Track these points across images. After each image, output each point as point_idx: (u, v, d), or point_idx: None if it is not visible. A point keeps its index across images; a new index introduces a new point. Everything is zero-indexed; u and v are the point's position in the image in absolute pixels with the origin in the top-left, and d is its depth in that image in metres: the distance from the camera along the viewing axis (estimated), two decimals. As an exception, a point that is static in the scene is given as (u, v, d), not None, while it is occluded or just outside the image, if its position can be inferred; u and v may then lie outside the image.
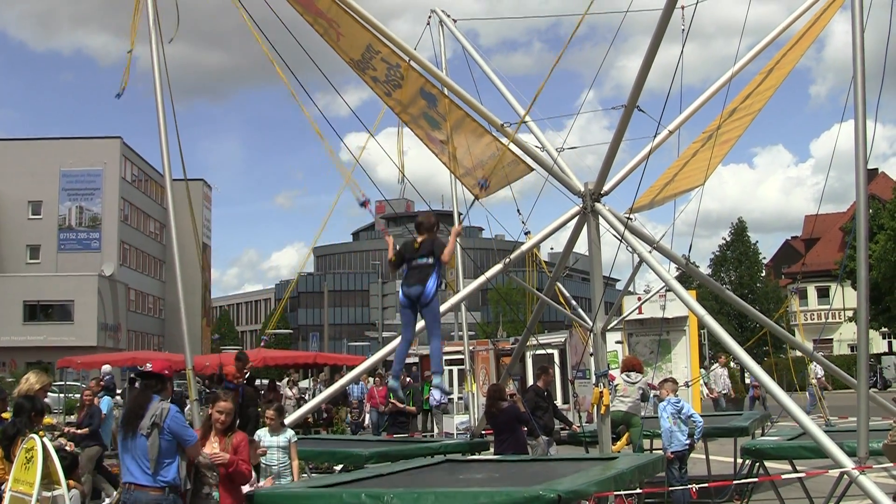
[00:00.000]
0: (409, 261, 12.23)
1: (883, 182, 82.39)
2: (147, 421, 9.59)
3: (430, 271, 11.99)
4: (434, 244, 12.11)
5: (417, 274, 12.05)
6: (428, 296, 11.94)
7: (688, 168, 17.18)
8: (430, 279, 11.96)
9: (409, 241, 12.40)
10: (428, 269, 12.00)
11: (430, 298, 11.99)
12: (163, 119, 13.65)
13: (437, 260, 12.02)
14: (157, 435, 9.53)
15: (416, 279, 12.01)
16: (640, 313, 28.40)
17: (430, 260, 12.03)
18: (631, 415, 17.45)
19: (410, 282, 12.06)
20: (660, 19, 11.94)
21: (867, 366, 10.38)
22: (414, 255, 12.16)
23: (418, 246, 12.17)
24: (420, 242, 12.19)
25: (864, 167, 10.08)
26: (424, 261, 12.04)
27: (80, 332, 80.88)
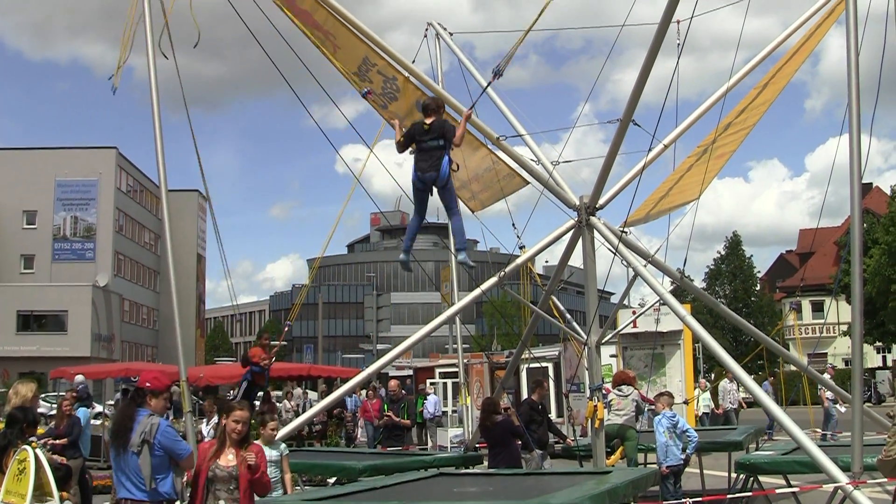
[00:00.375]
0: (419, 142, 12.55)
1: (877, 196, 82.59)
2: (137, 438, 9.54)
3: (442, 154, 12.37)
4: (444, 127, 12.47)
5: (430, 158, 12.42)
6: (443, 178, 12.40)
7: (683, 182, 17.19)
8: (442, 162, 12.35)
9: (419, 123, 12.70)
10: (439, 151, 12.38)
11: (445, 180, 12.44)
12: (159, 130, 13.65)
13: (448, 143, 12.37)
14: (148, 452, 9.48)
15: (430, 164, 12.39)
16: (634, 327, 28.37)
17: (441, 142, 12.38)
18: (626, 428, 17.44)
19: (424, 167, 12.45)
20: (655, 34, 11.97)
21: (861, 380, 10.38)
22: (424, 137, 12.48)
23: (428, 128, 12.47)
24: (429, 124, 12.49)
25: (858, 182, 10.09)
26: (435, 143, 12.40)
27: (74, 342, 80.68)
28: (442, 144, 12.35)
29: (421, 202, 12.96)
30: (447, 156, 12.37)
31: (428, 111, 12.64)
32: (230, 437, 9.83)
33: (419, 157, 12.51)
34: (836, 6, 16.08)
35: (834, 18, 16.64)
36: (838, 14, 16.01)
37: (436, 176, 12.33)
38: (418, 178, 12.50)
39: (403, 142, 12.80)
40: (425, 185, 12.52)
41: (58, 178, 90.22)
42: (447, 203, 12.88)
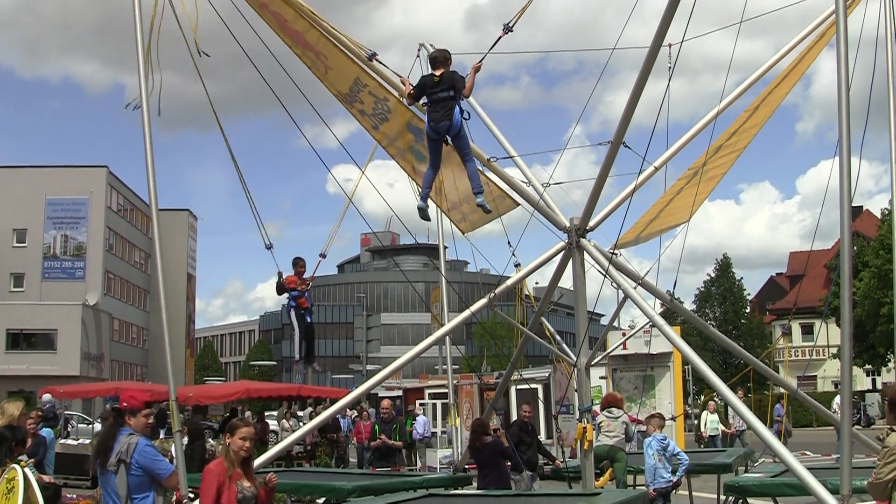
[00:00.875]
0: (430, 94, 12.86)
1: (867, 220, 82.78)
2: (113, 458, 9.53)
3: (453, 104, 12.69)
4: (454, 77, 12.76)
5: (441, 109, 12.72)
6: (456, 126, 12.73)
7: (673, 204, 17.21)
8: (454, 112, 12.68)
9: (429, 76, 12.97)
10: (450, 101, 12.68)
11: (458, 128, 12.78)
12: (150, 149, 13.63)
13: (458, 93, 12.67)
14: (125, 471, 9.47)
15: (443, 114, 12.69)
16: (624, 349, 28.39)
17: (451, 93, 12.67)
18: (616, 449, 17.44)
19: (437, 117, 12.75)
20: (646, 58, 12.01)
21: (850, 403, 10.39)
22: (435, 89, 12.77)
23: (438, 79, 12.77)
24: (439, 76, 12.79)
25: (848, 205, 10.12)
26: (446, 94, 12.68)
27: (63, 361, 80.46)
28: (452, 95, 12.66)
29: (435, 152, 13.27)
30: (458, 105, 12.70)
31: (436, 63, 12.95)
32: (238, 455, 9.53)
33: (431, 109, 12.86)
34: (827, 29, 16.13)
35: (825, 41, 16.68)
36: (829, 37, 16.06)
37: (449, 125, 12.66)
38: (432, 129, 12.86)
39: (415, 93, 13.13)
40: (439, 134, 12.84)
41: (48, 196, 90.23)
42: (461, 150, 13.22)
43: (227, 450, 9.61)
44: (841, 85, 10.03)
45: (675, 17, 11.56)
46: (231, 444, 9.57)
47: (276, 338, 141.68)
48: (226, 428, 10.10)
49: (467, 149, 13.29)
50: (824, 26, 16.35)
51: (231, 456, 9.50)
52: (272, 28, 13.66)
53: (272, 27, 13.66)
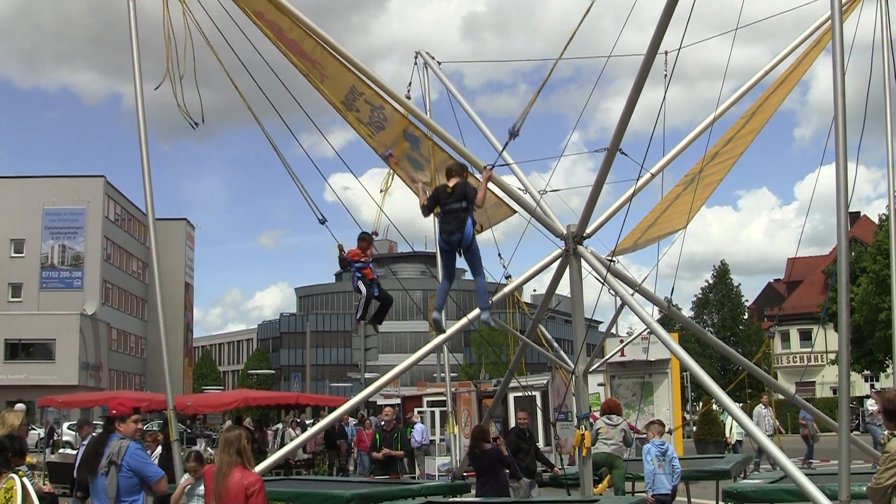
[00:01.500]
0: (443, 205, 12.75)
1: (865, 225, 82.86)
2: (105, 460, 9.56)
3: (465, 216, 12.54)
4: (466, 188, 12.66)
5: (454, 220, 12.58)
6: (468, 240, 12.56)
7: (670, 211, 17.22)
8: (466, 224, 12.51)
9: (442, 187, 12.90)
10: (462, 213, 12.54)
11: (469, 242, 12.61)
12: (146, 159, 13.65)
13: (471, 204, 12.55)
14: (115, 472, 9.49)
15: (454, 226, 12.55)
16: (622, 356, 28.42)
17: (464, 204, 12.54)
18: (614, 457, 17.43)
19: (449, 228, 12.60)
20: (641, 66, 12.01)
21: (848, 409, 10.38)
22: (448, 200, 12.65)
23: (451, 191, 12.64)
24: (452, 187, 12.66)
25: (845, 211, 10.12)
26: (459, 205, 12.55)
27: (62, 371, 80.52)
28: (465, 206, 12.52)
29: (448, 263, 13.20)
30: (470, 217, 12.54)
31: (451, 174, 12.84)
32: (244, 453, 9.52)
33: (444, 220, 12.70)
34: (824, 35, 16.15)
35: (821, 47, 16.70)
36: (825, 43, 16.08)
37: (461, 237, 12.49)
38: (443, 241, 12.71)
39: (428, 205, 13.04)
40: (451, 246, 12.70)
41: (46, 206, 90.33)
42: (472, 264, 13.05)
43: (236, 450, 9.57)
44: (837, 91, 10.04)
45: (673, 24, 11.57)
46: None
47: (275, 346, 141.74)
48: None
49: (478, 263, 13.13)
50: (820, 32, 16.36)
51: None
52: (268, 37, 13.66)
53: (268, 36, 13.66)
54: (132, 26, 13.67)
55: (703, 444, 41.00)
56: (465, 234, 12.49)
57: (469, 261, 12.97)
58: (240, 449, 9.39)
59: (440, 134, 14.61)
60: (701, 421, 45.09)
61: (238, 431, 9.58)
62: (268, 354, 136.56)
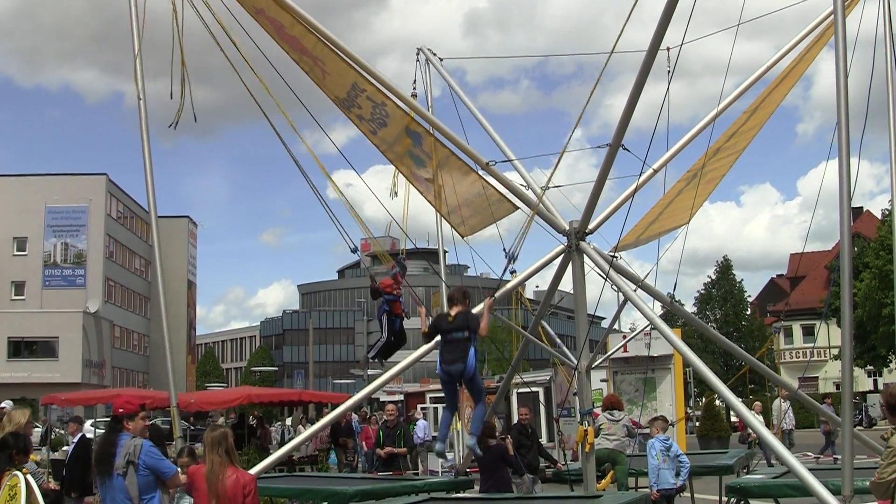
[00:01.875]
0: (443, 333, 12.30)
1: (868, 221, 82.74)
2: (121, 460, 9.58)
3: (468, 346, 12.00)
4: (469, 318, 12.17)
5: (455, 350, 12.05)
6: (469, 372, 11.98)
7: (672, 207, 17.21)
8: (468, 355, 11.96)
9: (443, 315, 12.51)
10: (465, 343, 12.01)
11: (471, 374, 12.03)
12: (148, 156, 13.66)
13: (473, 333, 12.06)
14: (134, 472, 9.52)
15: (456, 356, 12.01)
16: (625, 351, 28.41)
17: (466, 334, 12.04)
18: (617, 452, 17.43)
19: (449, 358, 12.07)
20: (643, 62, 11.99)
21: (851, 404, 10.38)
22: (449, 329, 12.20)
23: (452, 319, 12.21)
24: (454, 315, 12.23)
25: (848, 206, 10.11)
26: (460, 335, 12.06)
27: (65, 368, 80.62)
28: (468, 336, 12.08)
29: (450, 394, 12.72)
30: (473, 346, 12.08)
31: (453, 302, 12.46)
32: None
33: (445, 349, 12.27)
34: (826, 31, 16.12)
35: (824, 42, 16.66)
36: (828, 38, 16.03)
37: (462, 368, 11.97)
38: (444, 371, 12.20)
39: (429, 333, 12.73)
40: (451, 377, 12.22)
41: (48, 204, 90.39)
42: (473, 393, 12.59)
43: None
44: (840, 85, 10.04)
45: (676, 21, 11.55)
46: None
47: (277, 343, 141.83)
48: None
49: (479, 394, 12.62)
50: (823, 27, 16.34)
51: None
52: (269, 33, 13.66)
53: (269, 33, 13.66)
54: (133, 24, 13.67)
55: (706, 439, 41.05)
56: (468, 366, 11.96)
57: (471, 391, 12.52)
58: (228, 448, 9.43)
59: (442, 130, 14.58)
60: (704, 416, 45.14)
61: (223, 430, 9.62)
62: (271, 351, 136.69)
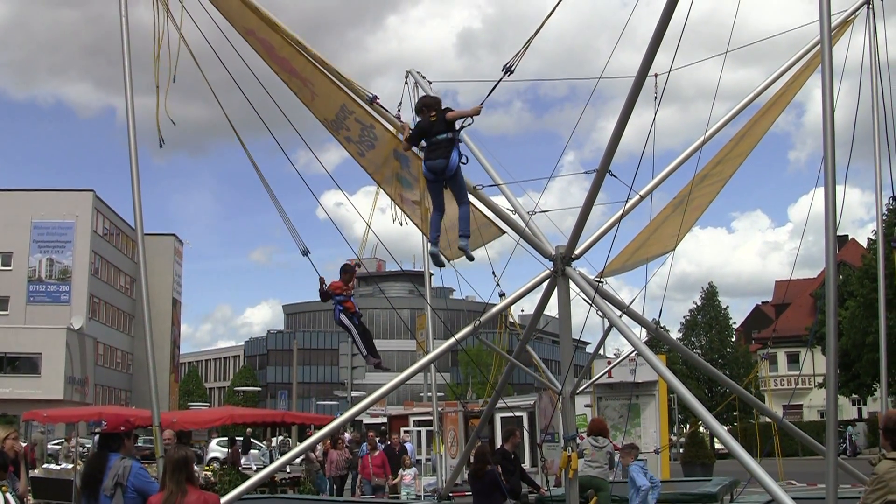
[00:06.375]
0: (428, 136, 12.79)
1: (853, 249, 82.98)
2: (110, 482, 9.52)
3: (451, 145, 12.60)
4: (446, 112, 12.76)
5: (438, 148, 12.65)
6: (452, 167, 12.60)
7: (659, 232, 17.24)
8: (452, 152, 12.57)
9: (426, 119, 12.90)
10: (447, 142, 12.60)
11: (454, 169, 12.65)
12: (136, 174, 13.62)
13: (455, 133, 12.64)
14: (122, 494, 9.46)
15: (439, 153, 12.61)
16: (609, 377, 28.36)
17: (449, 134, 12.62)
18: (599, 479, 17.42)
19: (433, 156, 12.67)
20: (631, 88, 12.00)
21: (836, 432, 10.37)
22: (432, 131, 12.71)
23: (434, 119, 12.73)
24: (435, 116, 12.76)
25: (833, 235, 10.14)
26: (444, 136, 12.63)
27: (47, 385, 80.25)
28: (451, 137, 12.61)
29: (437, 193, 13.22)
30: (457, 148, 12.64)
31: (431, 108, 12.89)
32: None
33: (428, 150, 12.80)
34: (814, 58, 16.20)
35: (812, 70, 16.75)
36: (816, 65, 16.13)
37: (445, 163, 12.55)
38: (428, 169, 12.77)
39: (412, 136, 13.13)
40: (435, 175, 12.74)
41: (34, 219, 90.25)
42: (456, 192, 13.13)
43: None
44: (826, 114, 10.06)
45: (667, 46, 11.58)
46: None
47: (262, 363, 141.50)
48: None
49: (462, 193, 13.21)
50: (811, 55, 16.42)
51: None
52: (259, 54, 13.67)
53: (259, 53, 13.67)
54: (124, 40, 13.65)
55: (690, 466, 40.98)
56: (451, 162, 12.55)
57: (454, 190, 13.07)
58: (189, 473, 9.25)
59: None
60: (688, 443, 45.11)
61: (185, 453, 9.46)
62: (254, 371, 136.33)
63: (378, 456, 28.74)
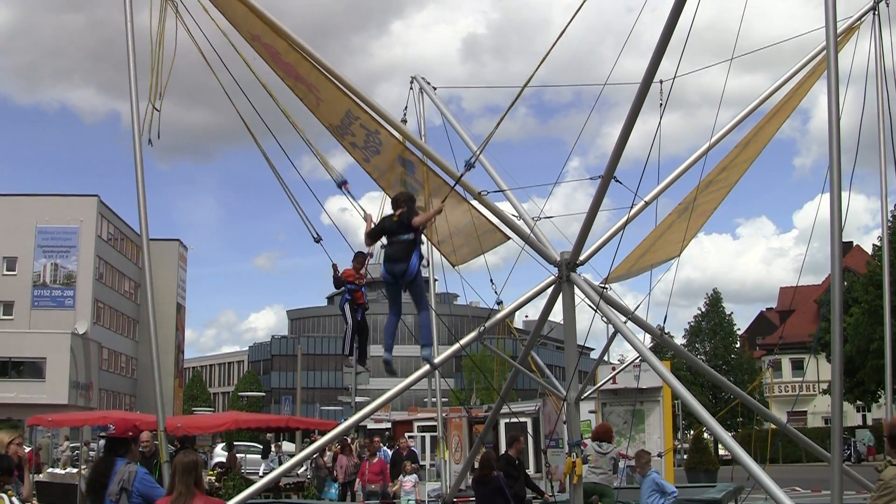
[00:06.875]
0: (389, 234, 12.43)
1: (857, 255, 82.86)
2: (115, 487, 9.53)
3: (412, 247, 12.19)
4: (412, 216, 12.35)
5: (399, 250, 12.20)
6: (412, 273, 12.17)
7: (664, 238, 17.22)
8: (412, 255, 12.15)
9: (389, 217, 12.58)
10: (409, 245, 12.18)
11: (413, 275, 12.22)
12: (141, 179, 13.62)
13: (417, 235, 12.27)
14: (127, 499, 9.46)
15: (399, 256, 12.17)
16: (614, 383, 28.33)
17: (411, 235, 12.22)
18: (603, 486, 17.41)
19: (393, 258, 12.22)
20: (636, 95, 11.98)
21: (841, 439, 10.37)
22: (394, 230, 12.33)
23: (397, 219, 12.34)
24: (398, 216, 12.37)
25: (839, 242, 10.14)
26: (406, 237, 12.23)
27: (52, 389, 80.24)
28: (413, 238, 12.20)
29: (393, 297, 12.78)
30: (418, 251, 12.25)
31: (398, 204, 12.52)
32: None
33: (389, 251, 12.38)
34: (820, 64, 16.17)
35: (817, 76, 16.71)
36: (822, 72, 16.08)
37: (405, 268, 12.11)
38: (387, 272, 12.29)
39: (373, 233, 12.75)
40: (395, 278, 12.30)
41: (39, 224, 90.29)
42: (415, 297, 12.76)
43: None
44: (832, 121, 10.06)
45: (671, 52, 11.56)
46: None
47: (266, 368, 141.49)
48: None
49: (421, 298, 12.86)
50: (817, 61, 16.41)
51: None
52: (264, 59, 13.66)
53: (264, 58, 13.66)
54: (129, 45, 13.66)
55: (694, 472, 40.93)
56: (410, 266, 12.12)
57: (413, 294, 12.65)
58: (197, 477, 9.32)
59: (435, 159, 14.57)
60: (692, 449, 45.04)
61: (194, 457, 9.51)
62: (258, 376, 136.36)
63: (376, 463, 28.46)
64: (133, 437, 10.37)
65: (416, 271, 12.26)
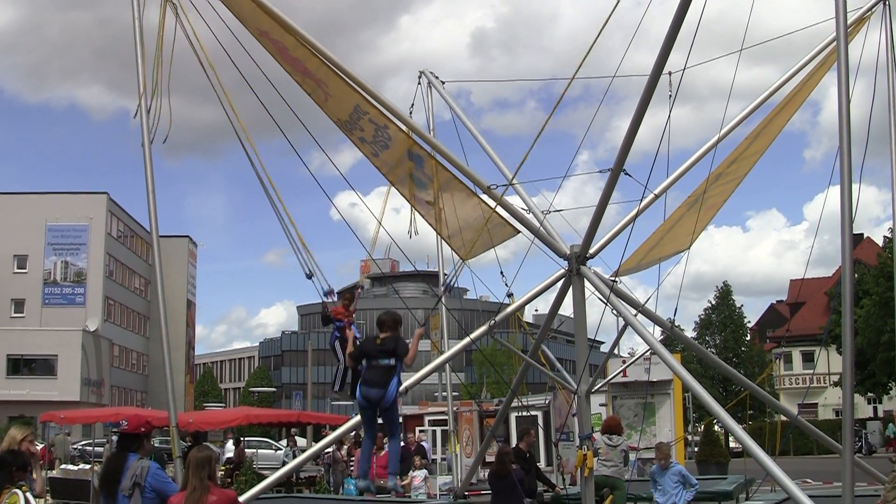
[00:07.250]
0: (369, 358, 11.83)
1: (868, 247, 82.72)
2: (128, 482, 9.55)
3: (391, 374, 11.58)
4: (397, 344, 11.73)
5: (377, 375, 11.61)
6: (388, 401, 11.56)
7: (674, 232, 17.21)
8: (391, 383, 11.55)
9: (372, 338, 12.08)
10: (389, 371, 11.58)
11: (389, 404, 11.61)
12: (150, 176, 13.64)
13: (399, 362, 11.64)
14: (139, 494, 9.48)
15: (377, 381, 11.57)
16: (624, 376, 28.32)
17: (392, 361, 11.62)
18: (614, 479, 17.40)
19: (370, 383, 11.60)
20: (645, 87, 11.98)
21: (852, 431, 10.36)
22: (375, 354, 11.75)
23: (380, 342, 11.77)
24: (382, 339, 11.80)
25: (849, 233, 10.13)
26: (386, 362, 11.61)
27: (64, 386, 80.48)
28: (393, 364, 11.62)
29: (367, 422, 12.26)
30: (397, 377, 11.66)
31: (383, 327, 11.95)
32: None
33: (367, 374, 11.77)
34: (830, 56, 16.15)
35: (827, 67, 16.69)
36: (831, 63, 16.06)
37: (382, 394, 11.50)
38: (363, 396, 11.68)
39: (356, 354, 12.30)
40: (370, 403, 11.67)
41: (49, 222, 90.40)
42: (388, 425, 12.22)
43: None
44: (842, 112, 10.05)
45: (680, 45, 11.55)
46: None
47: (276, 364, 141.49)
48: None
49: (395, 428, 12.34)
50: (826, 52, 16.38)
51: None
52: (272, 55, 13.66)
53: (272, 54, 13.66)
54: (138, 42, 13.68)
55: (705, 464, 40.91)
56: (388, 394, 11.48)
57: (387, 421, 12.08)
58: (211, 472, 9.34)
59: (444, 153, 14.58)
60: (702, 441, 45.03)
61: (209, 452, 9.52)
62: (269, 372, 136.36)
63: (384, 457, 28.48)
64: (145, 432, 10.34)
65: (393, 401, 11.61)
